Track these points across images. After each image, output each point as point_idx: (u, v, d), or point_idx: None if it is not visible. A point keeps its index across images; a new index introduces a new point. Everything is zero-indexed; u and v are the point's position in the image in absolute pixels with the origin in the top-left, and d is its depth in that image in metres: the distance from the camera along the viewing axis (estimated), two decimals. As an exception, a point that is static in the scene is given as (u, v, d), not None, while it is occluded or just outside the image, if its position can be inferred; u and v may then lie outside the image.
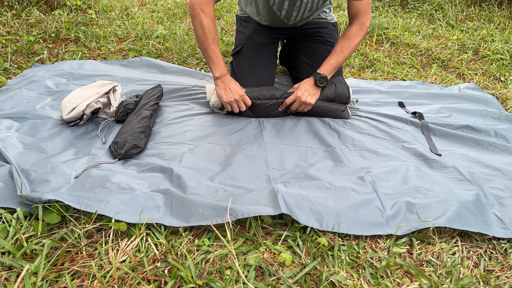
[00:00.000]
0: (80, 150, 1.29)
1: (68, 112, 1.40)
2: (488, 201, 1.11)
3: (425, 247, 0.99)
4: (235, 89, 1.48)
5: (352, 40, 1.51)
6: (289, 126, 1.51)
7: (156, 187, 1.12)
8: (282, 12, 1.57)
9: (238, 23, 1.82)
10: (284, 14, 1.58)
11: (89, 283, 0.84)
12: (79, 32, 2.38)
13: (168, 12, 3.12)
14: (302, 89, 1.51)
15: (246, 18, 1.77)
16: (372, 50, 2.47)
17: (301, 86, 1.52)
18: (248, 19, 1.76)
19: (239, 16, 1.81)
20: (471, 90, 1.88)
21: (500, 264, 0.95)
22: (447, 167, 1.26)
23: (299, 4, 1.52)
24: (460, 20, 3.19)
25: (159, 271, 0.87)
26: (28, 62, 1.99)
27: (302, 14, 1.58)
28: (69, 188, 1.09)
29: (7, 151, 1.22)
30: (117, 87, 1.55)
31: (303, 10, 1.56)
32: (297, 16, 1.60)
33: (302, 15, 1.59)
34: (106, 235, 0.96)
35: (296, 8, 1.54)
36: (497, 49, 2.43)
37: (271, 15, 1.61)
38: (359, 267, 0.92)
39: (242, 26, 1.77)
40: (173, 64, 2.06)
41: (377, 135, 1.47)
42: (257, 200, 1.05)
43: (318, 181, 1.16)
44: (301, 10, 1.56)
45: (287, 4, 1.52)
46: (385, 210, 1.05)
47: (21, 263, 0.87)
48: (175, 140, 1.37)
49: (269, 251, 0.95)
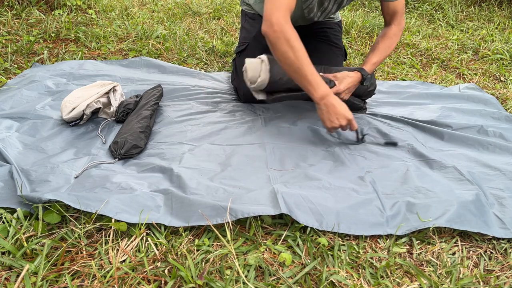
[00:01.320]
0: (80, 150, 1.29)
1: (68, 112, 1.40)
2: (488, 201, 1.11)
3: (425, 247, 0.99)
4: (343, 112, 1.28)
5: (393, 40, 1.49)
6: (289, 126, 1.51)
7: (156, 187, 1.12)
8: (311, 14, 1.53)
9: (243, 19, 1.75)
10: (312, 16, 1.55)
11: (89, 283, 0.84)
12: (79, 32, 2.38)
13: (168, 12, 3.12)
14: (344, 84, 1.40)
15: (253, 15, 1.72)
16: (372, 50, 2.47)
17: (344, 80, 1.41)
18: (255, 17, 1.71)
19: (245, 12, 1.75)
20: (471, 90, 1.88)
21: (500, 264, 0.95)
22: (447, 167, 1.26)
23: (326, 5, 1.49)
24: (460, 20, 3.19)
25: (159, 271, 0.87)
26: (28, 62, 1.99)
27: (326, 15, 1.57)
28: (69, 188, 1.09)
29: (7, 151, 1.22)
30: (117, 87, 1.55)
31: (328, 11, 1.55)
32: (320, 16, 1.56)
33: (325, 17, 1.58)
34: (106, 235, 0.96)
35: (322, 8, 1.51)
36: (497, 49, 2.43)
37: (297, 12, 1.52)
38: (359, 267, 0.92)
39: (248, 23, 1.72)
40: (173, 64, 2.06)
41: (377, 135, 1.47)
42: (257, 200, 1.05)
43: (318, 181, 1.16)
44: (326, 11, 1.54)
45: (316, 7, 1.50)
46: (385, 210, 1.05)
47: (21, 263, 0.87)
48: (175, 140, 1.37)
49: (269, 251, 0.95)
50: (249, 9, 1.76)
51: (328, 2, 1.49)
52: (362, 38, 2.64)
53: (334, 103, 1.27)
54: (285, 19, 1.22)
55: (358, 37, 2.65)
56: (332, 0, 1.48)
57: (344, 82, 1.40)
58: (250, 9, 1.76)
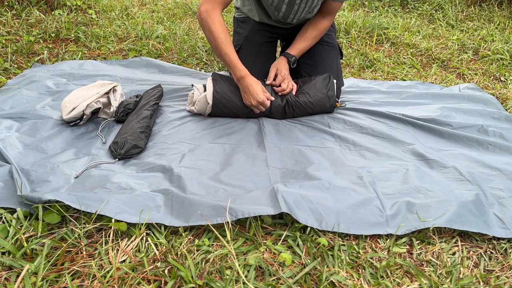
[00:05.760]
0: (80, 150, 1.29)
1: (68, 112, 1.40)
2: (488, 201, 1.11)
3: (425, 247, 0.99)
4: (254, 94, 1.47)
5: (322, 32, 1.66)
6: (289, 125, 1.51)
7: (156, 187, 1.12)
8: (280, 13, 1.60)
9: (235, 25, 1.83)
10: (281, 16, 1.61)
11: (89, 283, 0.84)
12: (79, 32, 2.38)
13: (168, 12, 3.12)
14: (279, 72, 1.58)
15: (243, 18, 1.79)
16: (372, 50, 2.47)
17: (277, 69, 1.59)
18: (245, 19, 1.77)
19: (236, 18, 1.83)
20: (471, 90, 1.88)
21: (500, 264, 0.95)
22: (447, 167, 1.26)
23: (296, 8, 1.56)
24: (460, 20, 3.19)
25: (159, 271, 0.87)
26: (28, 62, 1.99)
27: (299, 16, 1.62)
28: (69, 188, 1.09)
29: (7, 151, 1.22)
30: (117, 87, 1.55)
31: (300, 12, 1.59)
32: (294, 18, 1.63)
33: (299, 17, 1.63)
34: (106, 235, 0.96)
35: (293, 11, 1.58)
36: (497, 49, 2.43)
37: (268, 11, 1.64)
38: (359, 267, 0.92)
39: (239, 27, 1.79)
40: (173, 64, 2.06)
41: (377, 135, 1.47)
42: (257, 200, 1.05)
43: (318, 181, 1.16)
44: (298, 12, 1.59)
45: (284, 8, 1.56)
46: (385, 210, 1.05)
47: (21, 263, 0.87)
48: (175, 140, 1.37)
49: (269, 251, 0.95)
50: (239, 14, 1.82)
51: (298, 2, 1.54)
52: (362, 38, 2.64)
53: (249, 84, 1.47)
54: (213, 10, 1.43)
55: (358, 37, 2.65)
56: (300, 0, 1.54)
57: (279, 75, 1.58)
58: (240, 13, 1.81)
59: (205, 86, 1.55)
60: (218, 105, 1.50)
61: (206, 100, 1.50)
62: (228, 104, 1.51)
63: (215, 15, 1.44)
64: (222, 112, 1.53)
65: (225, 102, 1.50)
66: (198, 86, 1.57)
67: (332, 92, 1.57)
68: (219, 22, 1.45)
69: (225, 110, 1.52)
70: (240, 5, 1.79)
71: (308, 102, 1.55)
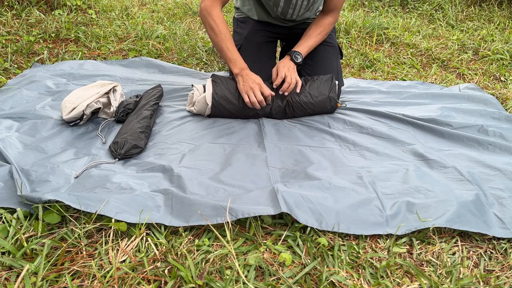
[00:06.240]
0: (80, 150, 1.29)
1: (68, 112, 1.40)
2: (488, 201, 1.11)
3: (425, 247, 0.99)
4: (253, 77, 1.48)
5: (326, 29, 1.65)
6: (289, 125, 1.51)
7: (156, 187, 1.12)
8: (279, 9, 1.61)
9: (235, 25, 1.83)
10: (280, 11, 1.62)
11: (89, 283, 0.84)
12: (79, 32, 2.38)
13: (168, 12, 3.12)
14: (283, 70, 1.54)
15: (242, 19, 1.79)
16: (372, 50, 2.47)
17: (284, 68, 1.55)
18: (245, 19, 1.78)
19: (236, 18, 1.83)
20: (471, 90, 1.88)
21: (500, 264, 0.95)
22: (447, 167, 1.26)
23: (294, 2, 1.57)
24: (460, 20, 3.19)
25: (159, 271, 0.87)
26: (28, 62, 1.99)
27: (298, 11, 1.62)
28: (69, 188, 1.09)
29: (7, 151, 1.22)
30: (117, 87, 1.55)
31: (299, 8, 1.60)
32: (293, 14, 1.64)
33: (298, 13, 1.64)
34: (106, 235, 0.96)
35: (292, 5, 1.58)
36: (497, 49, 2.43)
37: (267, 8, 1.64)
38: (359, 267, 0.92)
39: (239, 27, 1.79)
40: (173, 64, 2.06)
41: (377, 135, 1.47)
42: (257, 200, 1.05)
43: (318, 181, 1.16)
44: (296, 8, 1.60)
45: (282, 1, 1.56)
46: (385, 210, 1.05)
47: (21, 263, 0.87)
48: (175, 140, 1.37)
49: (269, 251, 0.95)
50: (239, 14, 1.82)
51: None
52: (362, 38, 2.64)
53: (249, 74, 1.49)
54: (212, 7, 1.48)
55: (358, 37, 2.65)
56: None
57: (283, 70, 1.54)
58: (240, 13, 1.81)
59: (205, 86, 1.55)
60: (218, 106, 1.50)
61: (206, 101, 1.50)
62: (228, 106, 1.51)
63: (215, 11, 1.48)
64: (221, 113, 1.53)
65: (224, 104, 1.50)
66: (198, 86, 1.57)
67: (334, 94, 1.57)
68: (219, 18, 1.48)
69: (225, 111, 1.52)
70: (239, 5, 1.79)
71: (309, 103, 1.55)
